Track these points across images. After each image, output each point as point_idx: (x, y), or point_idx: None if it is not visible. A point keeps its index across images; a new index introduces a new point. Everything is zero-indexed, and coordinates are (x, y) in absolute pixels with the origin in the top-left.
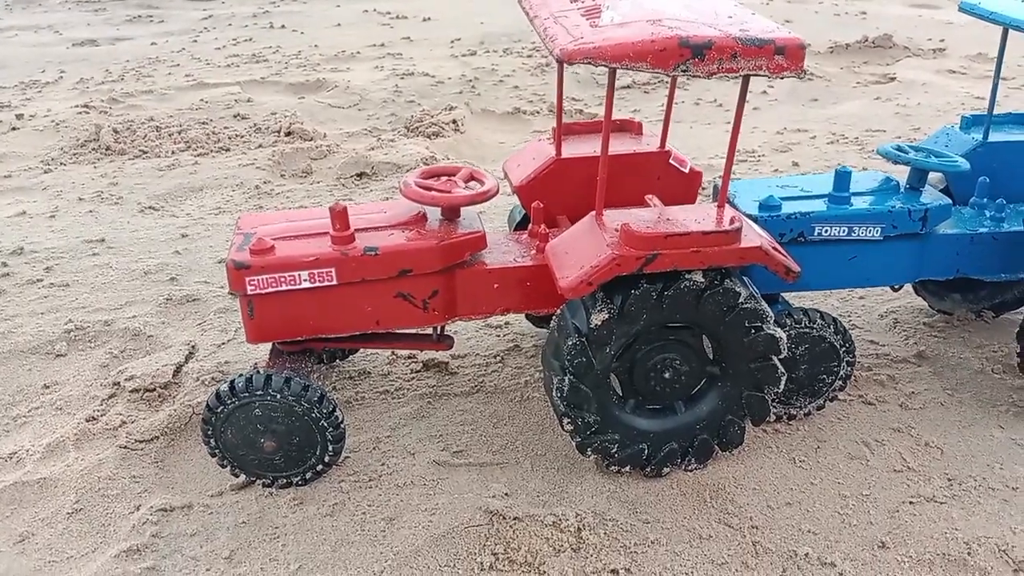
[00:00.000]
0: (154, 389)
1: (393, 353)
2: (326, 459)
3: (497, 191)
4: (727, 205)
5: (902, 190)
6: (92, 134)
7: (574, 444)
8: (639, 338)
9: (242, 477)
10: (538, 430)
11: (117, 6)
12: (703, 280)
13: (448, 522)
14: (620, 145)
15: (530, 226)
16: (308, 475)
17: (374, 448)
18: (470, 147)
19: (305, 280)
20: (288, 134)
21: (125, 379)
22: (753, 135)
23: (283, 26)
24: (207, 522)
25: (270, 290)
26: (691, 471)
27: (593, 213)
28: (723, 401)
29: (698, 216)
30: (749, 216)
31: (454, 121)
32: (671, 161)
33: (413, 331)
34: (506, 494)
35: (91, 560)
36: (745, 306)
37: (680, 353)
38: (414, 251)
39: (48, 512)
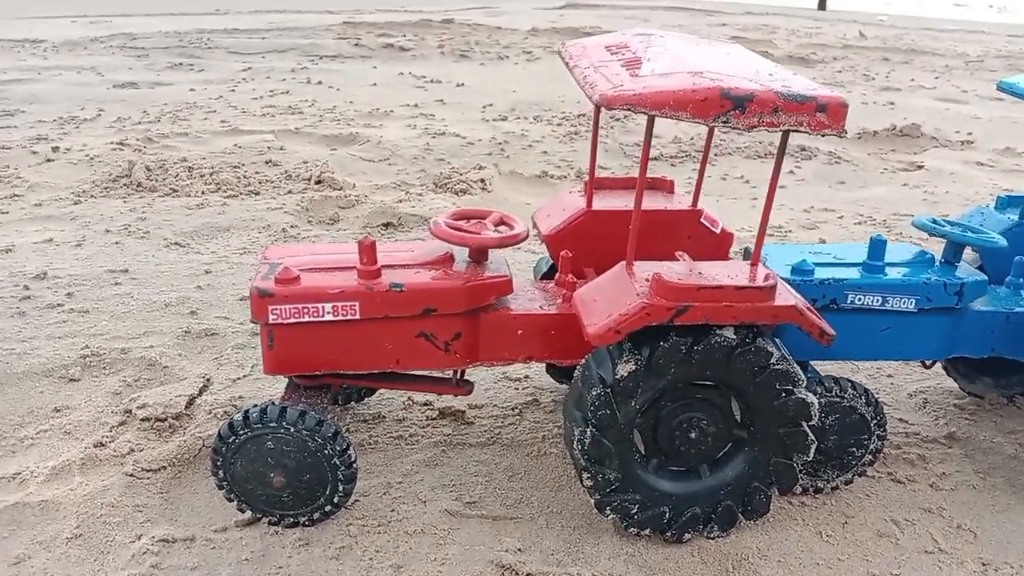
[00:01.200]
0: (165, 419)
1: (409, 399)
2: (335, 499)
3: (527, 236)
4: (761, 264)
5: (937, 264)
6: (124, 170)
7: (592, 502)
8: (665, 394)
9: (248, 514)
10: (554, 487)
11: (160, 53)
12: (734, 337)
13: (458, 574)
14: (652, 202)
15: (557, 275)
16: (316, 515)
17: (384, 493)
18: (497, 206)
19: (328, 312)
20: (318, 182)
21: (137, 407)
22: (780, 212)
23: (320, 82)
24: (208, 556)
25: (292, 320)
26: (713, 539)
27: (623, 263)
28: (749, 467)
29: (732, 272)
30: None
31: (482, 180)
32: (702, 220)
33: (433, 374)
34: (519, 549)
35: None
36: (777, 367)
37: (707, 413)
38: (440, 290)
39: (47, 535)
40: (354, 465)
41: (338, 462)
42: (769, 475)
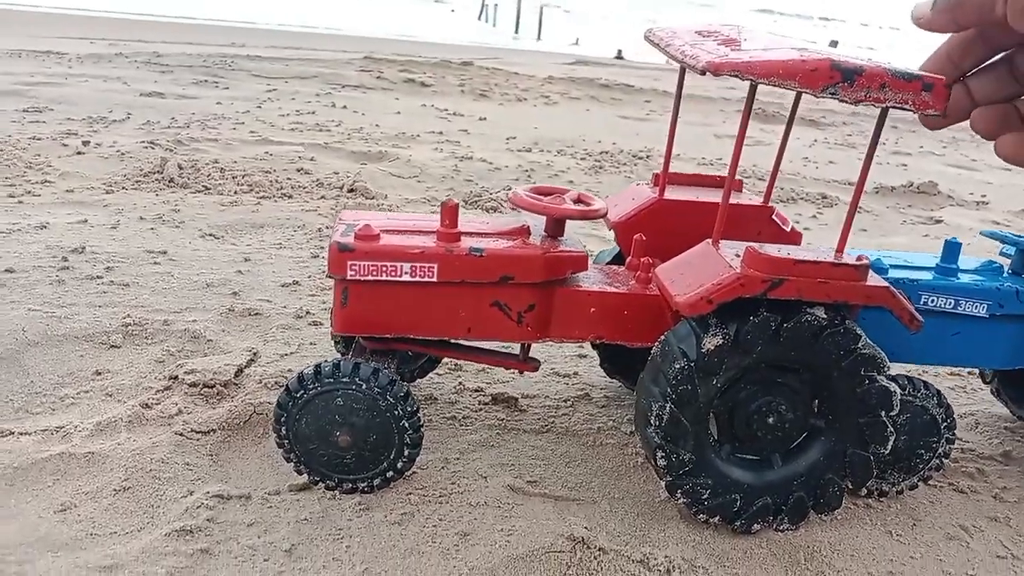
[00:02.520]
0: (214, 386)
1: (460, 383)
2: (399, 465)
3: (606, 212)
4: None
5: (1006, 273)
6: (156, 166)
7: (664, 483)
8: (747, 375)
9: (303, 478)
10: (614, 475)
11: (184, 71)
12: (825, 317)
13: (527, 544)
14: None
15: (628, 259)
16: (376, 481)
17: (443, 468)
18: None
19: (407, 273)
20: (351, 190)
21: (184, 373)
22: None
23: (344, 106)
24: (266, 515)
25: (369, 278)
26: (781, 531)
27: (708, 241)
28: (824, 458)
29: (822, 253)
30: None
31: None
32: (773, 217)
33: (500, 348)
34: (586, 527)
35: (138, 537)
36: (864, 351)
37: (786, 398)
38: (518, 258)
39: (93, 486)
40: (421, 429)
41: (407, 424)
42: (844, 467)
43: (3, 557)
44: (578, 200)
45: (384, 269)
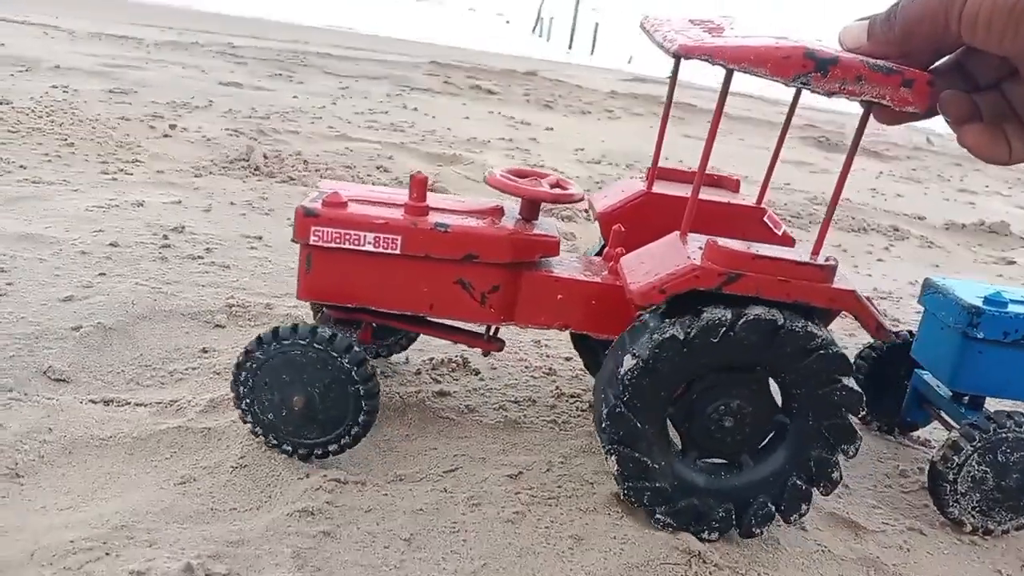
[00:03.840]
0: None
1: (557, 388)
2: (354, 431)
3: (582, 199)
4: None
5: None
6: (242, 154)
7: (620, 489)
8: (704, 376)
9: (414, 468)
10: None
11: (258, 64)
12: (780, 316)
13: (642, 554)
14: (715, 195)
15: (606, 250)
16: (332, 447)
17: (548, 471)
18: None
19: (369, 243)
20: (430, 190)
21: None
22: (885, 280)
23: (415, 108)
24: (383, 502)
25: (332, 245)
26: (744, 537)
27: (677, 232)
28: (789, 462)
29: (791, 251)
30: (972, 309)
31: (587, 211)
32: (765, 219)
33: (465, 326)
34: (700, 542)
35: (260, 514)
36: (826, 352)
37: (748, 401)
38: (484, 236)
39: (211, 462)
40: (377, 396)
41: (361, 390)
42: (811, 472)
43: (133, 524)
44: (556, 184)
45: (347, 237)
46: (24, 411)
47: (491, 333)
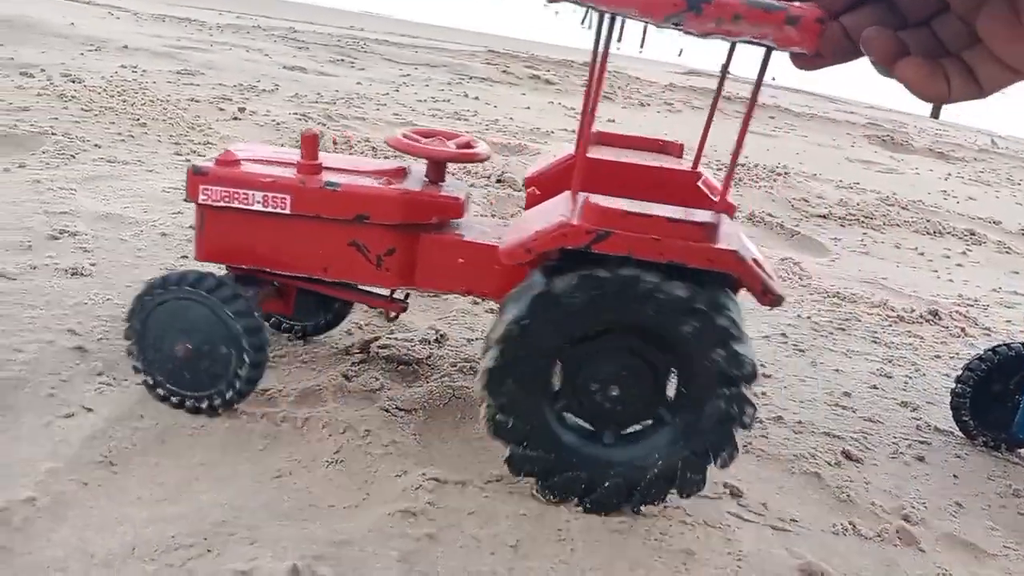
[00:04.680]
0: (409, 363)
1: None
2: (237, 385)
3: (488, 158)
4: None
5: None
6: None
7: (504, 460)
8: (587, 339)
9: (464, 473)
10: (832, 508)
11: (320, 49)
12: (656, 278)
13: (759, 571)
14: (651, 159)
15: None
16: (217, 401)
17: None
18: None
19: (258, 202)
20: (499, 181)
21: (377, 347)
22: (967, 285)
23: (476, 97)
24: (485, 504)
25: (222, 204)
26: (637, 512)
27: (568, 191)
28: (683, 435)
29: (680, 211)
30: None
31: None
32: (700, 184)
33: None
34: (820, 559)
35: (360, 513)
36: (714, 321)
37: (636, 369)
38: (374, 196)
39: (305, 455)
40: (265, 349)
41: (246, 343)
42: (705, 444)
43: (233, 520)
44: (466, 145)
45: (236, 196)
46: (115, 396)
47: (391, 293)
